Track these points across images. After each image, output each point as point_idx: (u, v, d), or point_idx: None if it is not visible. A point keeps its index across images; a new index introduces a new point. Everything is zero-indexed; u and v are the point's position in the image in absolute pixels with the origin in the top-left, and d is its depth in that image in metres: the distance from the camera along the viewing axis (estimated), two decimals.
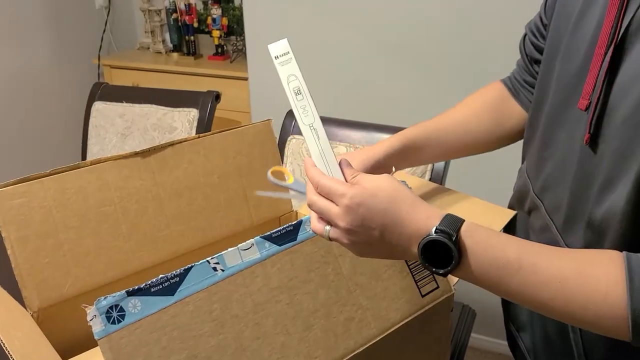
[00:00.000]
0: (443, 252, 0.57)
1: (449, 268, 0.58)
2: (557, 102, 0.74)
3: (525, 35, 0.92)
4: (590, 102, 0.65)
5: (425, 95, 1.81)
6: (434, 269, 0.58)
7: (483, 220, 0.93)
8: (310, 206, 0.63)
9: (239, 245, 0.64)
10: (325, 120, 0.78)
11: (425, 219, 0.58)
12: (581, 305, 0.55)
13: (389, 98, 1.88)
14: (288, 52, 0.65)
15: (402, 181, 0.66)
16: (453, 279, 0.81)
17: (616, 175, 0.61)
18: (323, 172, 0.63)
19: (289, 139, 1.47)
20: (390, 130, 1.39)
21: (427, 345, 0.82)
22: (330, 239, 0.62)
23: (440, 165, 1.31)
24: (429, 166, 1.31)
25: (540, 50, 0.87)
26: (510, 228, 0.92)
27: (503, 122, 0.92)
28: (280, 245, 0.67)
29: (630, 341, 0.54)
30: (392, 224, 0.58)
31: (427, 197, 1.03)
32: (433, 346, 0.83)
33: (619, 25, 0.61)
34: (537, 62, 0.88)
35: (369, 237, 0.59)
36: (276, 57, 0.65)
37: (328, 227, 0.61)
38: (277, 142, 1.09)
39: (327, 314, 0.69)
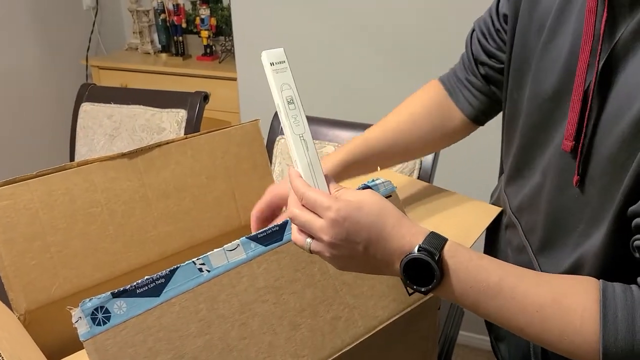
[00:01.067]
0: (425, 270, 0.57)
1: (430, 287, 0.58)
2: (531, 124, 0.73)
3: (473, 31, 0.89)
4: (575, 143, 0.64)
5: None
6: (415, 287, 0.59)
7: (470, 217, 0.95)
8: (292, 220, 0.62)
9: (224, 246, 0.65)
10: (313, 120, 0.78)
11: (410, 236, 0.58)
12: (556, 335, 0.56)
13: (379, 99, 1.88)
14: (284, 62, 0.65)
15: (391, 185, 0.66)
16: None
17: (602, 213, 0.62)
18: (309, 183, 0.62)
19: (277, 139, 1.47)
20: None
21: (415, 343, 0.83)
22: (311, 252, 0.62)
23: (428, 163, 1.32)
24: (417, 164, 1.32)
25: (487, 53, 0.85)
26: (494, 228, 0.93)
27: (444, 124, 0.91)
28: (266, 245, 0.67)
29: None
30: (376, 238, 0.58)
31: (414, 195, 1.04)
32: (420, 344, 0.84)
33: (597, 60, 0.60)
34: (483, 63, 0.86)
35: (353, 251, 0.59)
36: (271, 64, 0.64)
37: (309, 240, 0.61)
38: (265, 142, 1.10)
39: (314, 313, 0.69)
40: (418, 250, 0.57)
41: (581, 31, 0.62)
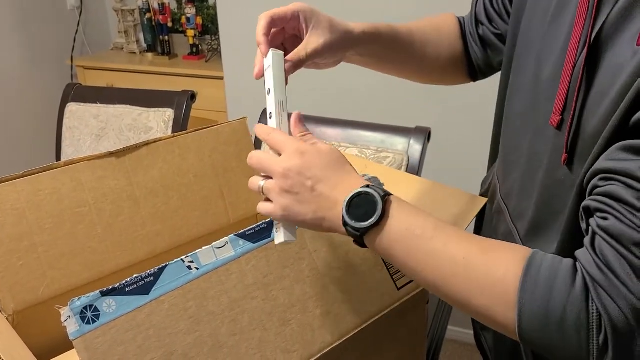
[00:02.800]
0: (368, 207, 0.58)
1: (371, 221, 0.58)
2: (527, 106, 0.73)
3: None
4: (563, 119, 0.64)
5: (410, 91, 1.82)
6: (353, 222, 0.58)
7: (456, 208, 0.95)
8: (250, 159, 0.64)
9: (213, 244, 0.65)
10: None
11: (359, 180, 0.61)
12: (478, 286, 0.55)
13: (366, 96, 1.89)
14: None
15: (378, 181, 0.67)
16: None
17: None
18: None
19: None
20: (368, 128, 1.41)
21: (404, 337, 0.83)
22: (262, 193, 0.63)
23: (415, 158, 1.32)
24: (405, 160, 1.32)
25: (488, 16, 0.86)
26: (480, 219, 0.93)
27: (450, 52, 0.90)
28: (254, 242, 0.68)
29: (517, 334, 0.54)
30: (328, 177, 0.60)
31: (402, 187, 1.04)
32: (409, 339, 0.84)
33: (587, 37, 0.60)
34: (482, 24, 0.88)
35: (301, 187, 0.60)
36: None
37: (262, 182, 0.63)
38: (253, 140, 1.10)
39: (304, 309, 0.70)
40: (365, 187, 0.59)
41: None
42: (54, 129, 1.74)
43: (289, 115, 0.68)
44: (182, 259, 0.63)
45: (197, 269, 0.63)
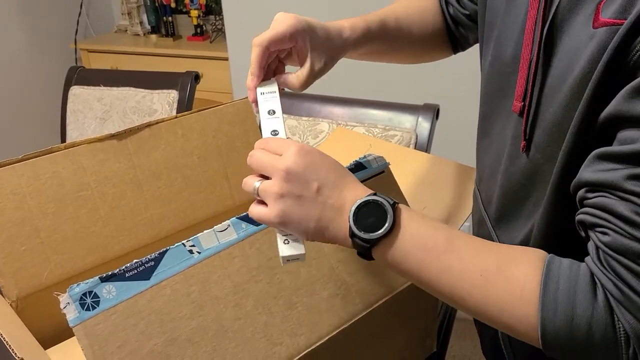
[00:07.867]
0: (378, 216, 0.54)
1: (381, 231, 0.54)
2: (492, 90, 0.71)
3: None
4: (524, 104, 0.61)
5: (417, 68, 1.79)
6: (362, 232, 0.54)
7: (466, 184, 0.93)
8: (250, 157, 0.58)
9: (214, 227, 0.63)
10: (306, 97, 0.75)
11: (365, 190, 0.56)
12: (498, 305, 0.53)
13: (371, 75, 1.86)
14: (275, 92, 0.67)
15: (383, 161, 0.64)
16: None
17: (550, 180, 0.59)
18: None
19: None
20: (375, 106, 1.38)
21: (414, 318, 0.82)
22: (258, 194, 0.56)
23: (424, 136, 1.30)
24: (413, 138, 1.30)
25: None
26: None
27: (433, 33, 0.87)
28: (257, 225, 0.66)
29: (542, 348, 0.52)
30: (333, 182, 0.55)
31: (411, 165, 1.03)
32: (420, 319, 0.83)
33: (542, 19, 0.57)
34: (451, 4, 0.85)
35: (304, 189, 0.54)
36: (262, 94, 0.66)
37: (259, 182, 0.56)
38: (258, 120, 1.08)
39: (310, 292, 0.68)
40: (373, 195, 0.55)
41: None
42: (59, 113, 1.72)
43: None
44: (183, 243, 0.61)
45: (199, 253, 0.62)
